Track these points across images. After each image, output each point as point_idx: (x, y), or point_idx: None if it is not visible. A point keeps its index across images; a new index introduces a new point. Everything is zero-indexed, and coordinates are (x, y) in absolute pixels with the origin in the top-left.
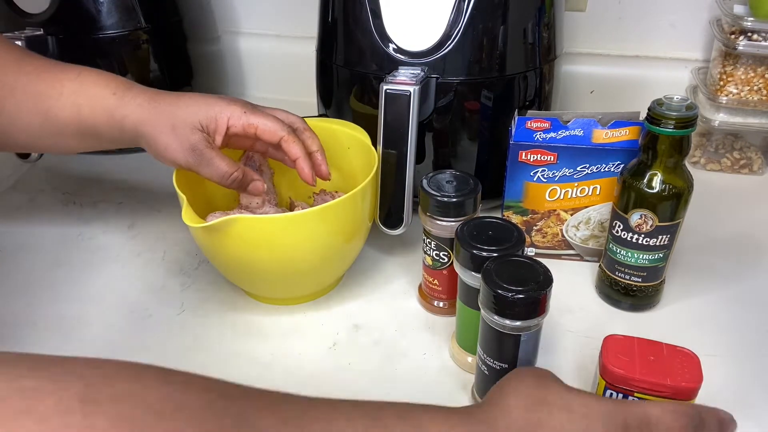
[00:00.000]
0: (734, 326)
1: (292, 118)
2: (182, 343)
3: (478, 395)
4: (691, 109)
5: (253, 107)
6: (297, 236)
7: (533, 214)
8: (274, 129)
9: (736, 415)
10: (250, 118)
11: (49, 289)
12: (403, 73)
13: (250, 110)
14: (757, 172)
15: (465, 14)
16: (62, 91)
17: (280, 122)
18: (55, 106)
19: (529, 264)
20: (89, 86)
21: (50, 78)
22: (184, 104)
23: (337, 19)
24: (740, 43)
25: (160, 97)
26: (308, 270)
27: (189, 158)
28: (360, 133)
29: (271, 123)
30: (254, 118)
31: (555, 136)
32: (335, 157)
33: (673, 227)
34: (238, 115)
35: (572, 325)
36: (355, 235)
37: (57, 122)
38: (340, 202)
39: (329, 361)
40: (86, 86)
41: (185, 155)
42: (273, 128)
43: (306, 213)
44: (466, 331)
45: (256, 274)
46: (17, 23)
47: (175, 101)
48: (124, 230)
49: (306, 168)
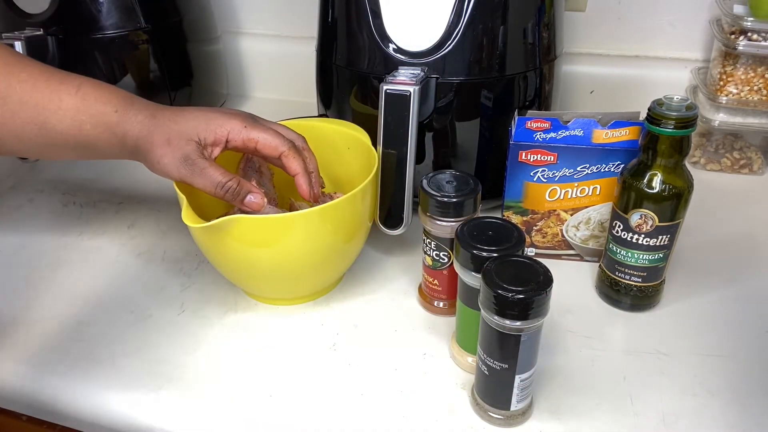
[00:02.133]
0: (734, 326)
1: (292, 135)
2: (182, 343)
3: (479, 395)
4: (691, 109)
5: (253, 120)
6: (297, 236)
7: (533, 214)
8: (275, 144)
9: (737, 415)
10: (250, 132)
11: (49, 289)
12: (403, 73)
13: (251, 124)
14: (757, 172)
15: (465, 14)
16: (60, 105)
17: (280, 137)
18: (53, 119)
19: (529, 264)
20: (91, 102)
21: (48, 89)
22: (183, 119)
23: (337, 19)
24: (740, 43)
25: (161, 112)
26: (308, 270)
27: (181, 169)
28: (360, 133)
29: (271, 138)
30: (255, 132)
31: (555, 136)
32: (335, 157)
33: (673, 227)
34: (237, 129)
35: (572, 325)
36: (355, 235)
37: (54, 134)
38: (340, 202)
39: (329, 361)
40: (88, 102)
41: (177, 166)
42: (274, 143)
43: (306, 213)
44: (466, 331)
45: (256, 274)
46: (17, 23)
47: (174, 116)
48: (124, 230)
49: (305, 184)
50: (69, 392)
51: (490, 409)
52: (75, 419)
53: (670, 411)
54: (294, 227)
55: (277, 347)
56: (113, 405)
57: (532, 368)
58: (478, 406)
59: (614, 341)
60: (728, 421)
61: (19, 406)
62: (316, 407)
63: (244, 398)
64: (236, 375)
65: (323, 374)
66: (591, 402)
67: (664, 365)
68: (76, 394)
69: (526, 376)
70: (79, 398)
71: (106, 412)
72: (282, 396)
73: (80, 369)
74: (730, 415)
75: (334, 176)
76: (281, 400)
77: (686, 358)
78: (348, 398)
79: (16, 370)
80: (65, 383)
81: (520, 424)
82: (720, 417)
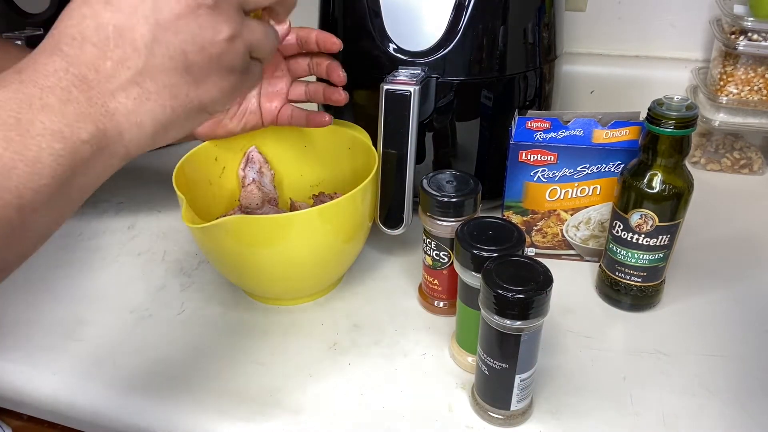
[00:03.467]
0: (734, 326)
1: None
2: (182, 343)
3: (478, 395)
4: (691, 109)
5: None
6: (297, 236)
7: (533, 214)
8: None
9: (736, 415)
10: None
11: (49, 289)
12: (403, 73)
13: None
14: (757, 172)
15: (465, 14)
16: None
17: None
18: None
19: (529, 264)
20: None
21: None
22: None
23: (337, 19)
24: (740, 43)
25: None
26: (308, 270)
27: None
28: (360, 133)
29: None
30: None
31: (555, 136)
32: (335, 157)
33: (673, 227)
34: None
35: (572, 325)
36: (356, 235)
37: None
38: (340, 202)
39: (329, 361)
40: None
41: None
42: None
43: (306, 213)
44: (466, 331)
45: (256, 274)
46: (17, 23)
47: None
48: (124, 230)
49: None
50: (69, 392)
51: (490, 408)
52: (75, 419)
53: (670, 411)
54: (294, 227)
55: (277, 347)
56: (113, 405)
57: (532, 368)
58: (478, 405)
59: (614, 341)
60: (728, 421)
61: (19, 405)
62: (316, 407)
63: (244, 398)
64: (236, 375)
65: (323, 374)
66: (591, 402)
67: (664, 365)
68: (76, 394)
69: (526, 376)
70: (79, 398)
71: (106, 412)
72: (282, 395)
73: (80, 369)
74: (730, 415)
75: (334, 176)
76: (281, 400)
77: (686, 358)
78: (348, 398)
79: (16, 370)
80: (65, 383)
81: (520, 424)
82: (720, 417)
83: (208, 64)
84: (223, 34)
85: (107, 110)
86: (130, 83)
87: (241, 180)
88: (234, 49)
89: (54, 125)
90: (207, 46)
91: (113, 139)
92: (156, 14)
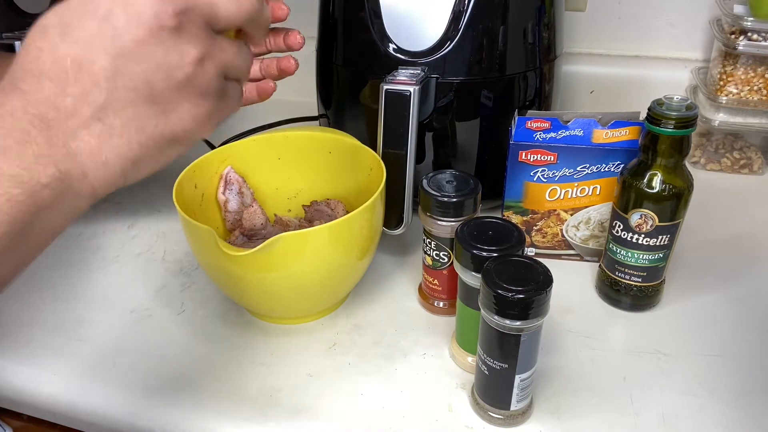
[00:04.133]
0: (734, 326)
1: None
2: (182, 343)
3: (478, 395)
4: (691, 109)
5: None
6: (308, 256)
7: (533, 214)
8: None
9: (736, 415)
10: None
11: (49, 289)
12: (403, 73)
13: None
14: (757, 172)
15: (465, 14)
16: None
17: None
18: None
19: (529, 264)
20: None
21: None
22: None
23: (337, 19)
24: (740, 43)
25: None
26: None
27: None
28: (342, 136)
29: None
30: None
31: (555, 136)
32: (314, 164)
33: (673, 227)
34: None
35: (572, 325)
36: (371, 247)
37: None
38: (352, 217)
39: (329, 361)
40: None
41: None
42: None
43: (319, 229)
44: (466, 331)
45: (269, 297)
46: (17, 23)
47: None
48: (124, 230)
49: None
50: (69, 392)
51: (490, 408)
52: (75, 419)
53: (670, 411)
54: (307, 245)
55: (278, 347)
56: (113, 405)
57: (532, 368)
58: (478, 405)
59: (614, 341)
60: (728, 421)
61: (19, 405)
62: (316, 407)
63: (244, 398)
64: (236, 374)
65: (323, 374)
66: (591, 402)
67: (664, 365)
68: (76, 395)
69: (526, 375)
70: (79, 398)
71: (106, 412)
72: (282, 395)
73: (80, 369)
74: (730, 415)
75: (314, 184)
76: (281, 400)
77: (686, 358)
78: (348, 398)
79: (16, 370)
80: (65, 383)
81: (520, 424)
82: (720, 417)
83: (177, 91)
84: (190, 56)
85: (69, 150)
86: (92, 120)
87: (222, 204)
88: (204, 71)
89: (11, 170)
90: (174, 72)
91: (77, 179)
92: (115, 43)
